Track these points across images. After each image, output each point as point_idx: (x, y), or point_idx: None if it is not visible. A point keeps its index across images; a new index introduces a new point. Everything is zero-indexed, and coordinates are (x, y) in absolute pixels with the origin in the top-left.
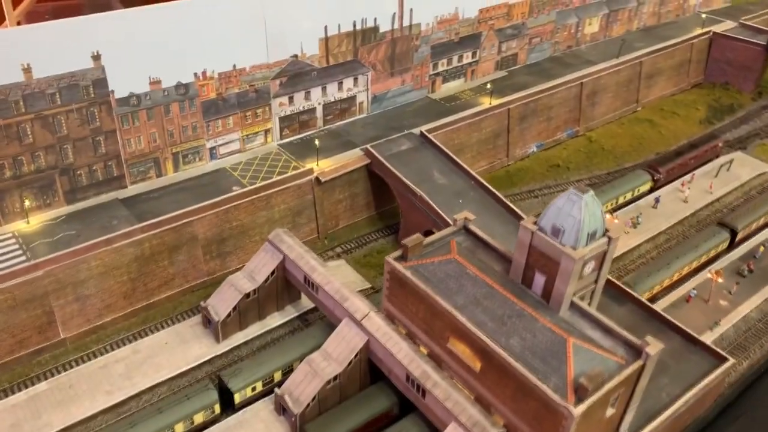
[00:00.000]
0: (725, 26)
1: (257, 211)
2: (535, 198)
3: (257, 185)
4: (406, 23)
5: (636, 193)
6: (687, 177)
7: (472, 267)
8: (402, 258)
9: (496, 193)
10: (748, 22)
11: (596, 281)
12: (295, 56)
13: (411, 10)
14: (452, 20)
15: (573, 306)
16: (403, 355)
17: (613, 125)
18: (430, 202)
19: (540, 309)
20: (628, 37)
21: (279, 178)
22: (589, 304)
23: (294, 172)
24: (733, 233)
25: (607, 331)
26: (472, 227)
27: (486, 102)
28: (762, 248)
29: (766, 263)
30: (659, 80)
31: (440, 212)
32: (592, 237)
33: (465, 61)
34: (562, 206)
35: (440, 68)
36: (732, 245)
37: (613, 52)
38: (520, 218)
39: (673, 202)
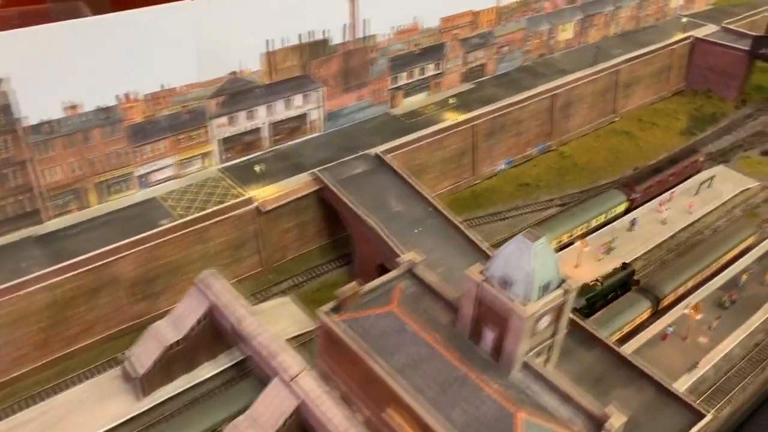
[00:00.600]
0: (707, 30)
1: (190, 245)
2: (502, 221)
3: (189, 218)
4: (360, 35)
5: (611, 215)
6: (666, 195)
7: (412, 322)
8: (336, 310)
9: (457, 223)
10: (730, 26)
11: (554, 335)
12: (234, 73)
13: (365, 20)
14: (412, 31)
15: (526, 366)
16: (337, 422)
17: (589, 138)
18: (382, 234)
19: (488, 371)
20: (605, 43)
21: (215, 208)
22: (548, 360)
23: (233, 202)
24: None
25: (565, 397)
26: (419, 271)
27: (451, 117)
28: (745, 276)
29: (750, 292)
30: (638, 88)
31: (393, 245)
32: (545, 289)
33: (428, 73)
34: (511, 255)
35: (401, 82)
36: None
37: (588, 60)
38: (482, 252)
39: (651, 223)
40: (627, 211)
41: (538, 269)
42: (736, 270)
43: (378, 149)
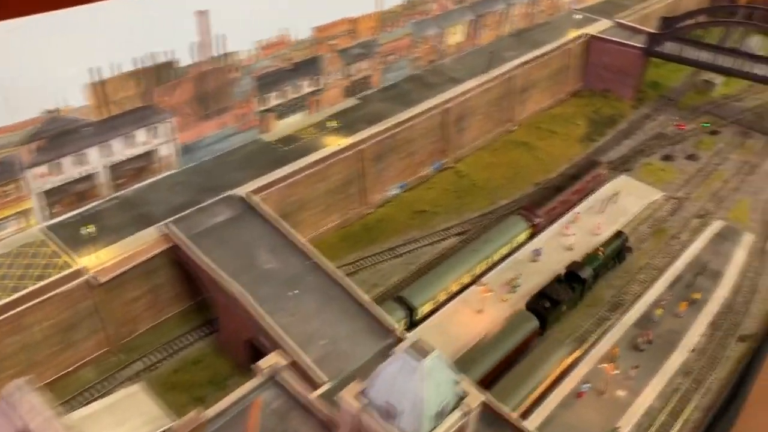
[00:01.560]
0: (601, 26)
1: (2, 338)
2: (398, 258)
3: None
4: (215, 53)
5: (514, 245)
6: (570, 216)
7: None
8: None
9: (339, 279)
10: (623, 21)
11: None
12: (52, 111)
13: (220, 36)
14: (281, 44)
15: None
16: None
17: (485, 152)
18: (247, 305)
19: None
20: (499, 44)
21: (32, 288)
22: None
23: (56, 277)
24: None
25: None
26: (284, 378)
27: (334, 143)
28: (659, 311)
29: (666, 327)
30: (534, 93)
31: (260, 318)
32: (440, 416)
33: (304, 91)
34: (394, 378)
35: (272, 103)
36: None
37: (482, 64)
38: (371, 316)
39: (557, 251)
40: (532, 237)
41: (430, 394)
42: (649, 301)
43: (247, 187)
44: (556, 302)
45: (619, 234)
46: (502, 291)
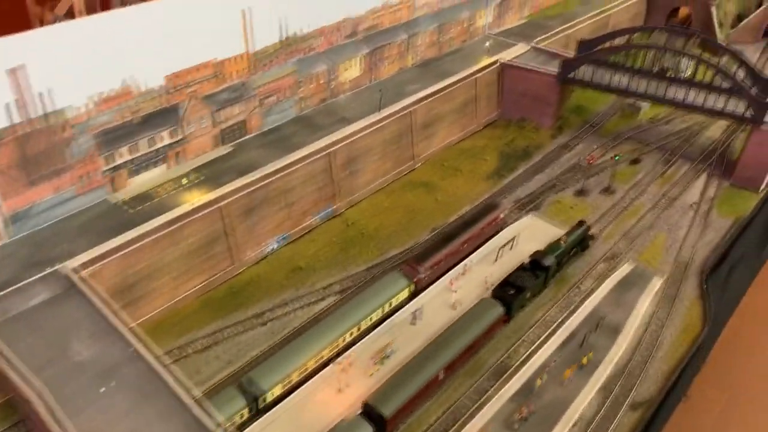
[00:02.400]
0: (518, 51)
1: None
2: (263, 326)
3: None
4: (39, 112)
5: (391, 306)
6: (459, 268)
7: None
8: None
9: (160, 373)
10: (541, 46)
11: None
12: None
13: (44, 93)
14: (124, 96)
15: None
16: None
17: (381, 195)
18: (39, 409)
19: None
20: (402, 76)
21: None
22: None
23: None
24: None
25: None
26: None
27: (191, 199)
28: (540, 380)
29: (549, 397)
30: (441, 127)
31: (55, 424)
32: None
33: (161, 143)
34: None
35: (121, 159)
36: None
37: (385, 98)
38: (196, 421)
39: (439, 310)
40: (414, 296)
41: None
42: (534, 366)
43: (79, 259)
44: (520, 289)
45: (581, 223)
46: (369, 363)
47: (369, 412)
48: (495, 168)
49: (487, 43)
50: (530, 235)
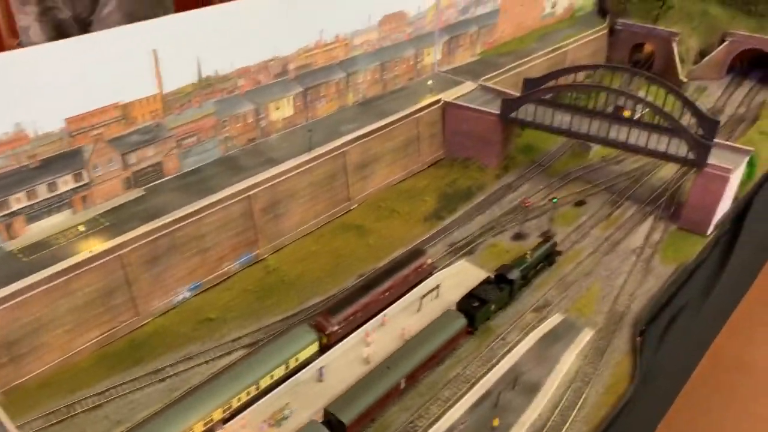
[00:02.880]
0: (465, 89)
1: None
2: (161, 382)
3: None
4: None
5: (297, 362)
6: (378, 320)
7: None
8: None
9: None
10: (488, 84)
11: None
12: None
13: None
14: (18, 141)
15: None
16: None
17: (309, 239)
18: None
19: None
20: (340, 116)
21: None
22: None
23: None
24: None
25: None
26: None
27: (86, 248)
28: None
29: None
30: (378, 167)
31: None
32: None
33: (64, 188)
34: None
35: (18, 205)
36: None
37: (316, 139)
38: None
39: (351, 364)
40: (323, 351)
41: None
42: (452, 419)
43: None
44: (484, 301)
45: (547, 239)
46: (263, 427)
47: (329, 419)
48: (434, 209)
49: (430, 82)
50: (460, 281)
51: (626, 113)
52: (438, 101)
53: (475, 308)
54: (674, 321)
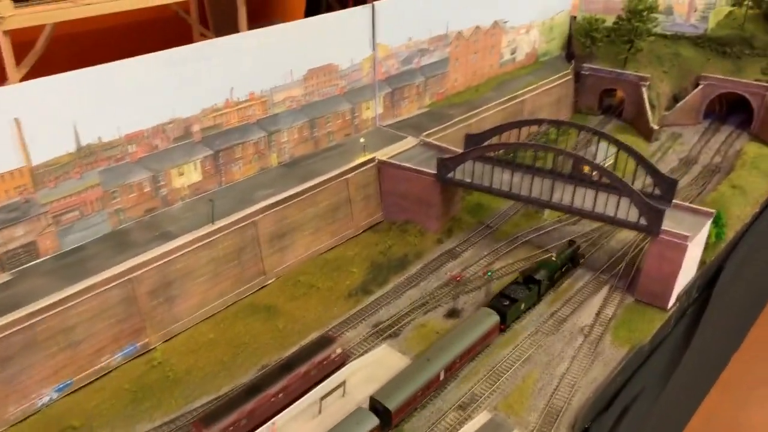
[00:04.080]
0: (404, 145)
1: None
2: None
3: None
4: None
5: None
6: (266, 428)
7: None
8: None
9: None
10: (429, 140)
11: None
12: None
13: None
14: None
15: None
16: None
17: (208, 325)
18: None
19: None
20: (260, 179)
21: None
22: None
23: None
24: None
25: None
26: None
27: None
28: None
29: None
30: (300, 236)
31: None
32: None
33: None
34: None
35: None
36: None
37: (224, 208)
38: None
39: None
40: None
41: None
42: None
43: None
44: (514, 300)
45: (571, 242)
46: None
47: (375, 406)
48: (361, 282)
49: (362, 140)
50: (376, 373)
51: (585, 168)
52: (372, 160)
53: (506, 306)
54: (625, 414)
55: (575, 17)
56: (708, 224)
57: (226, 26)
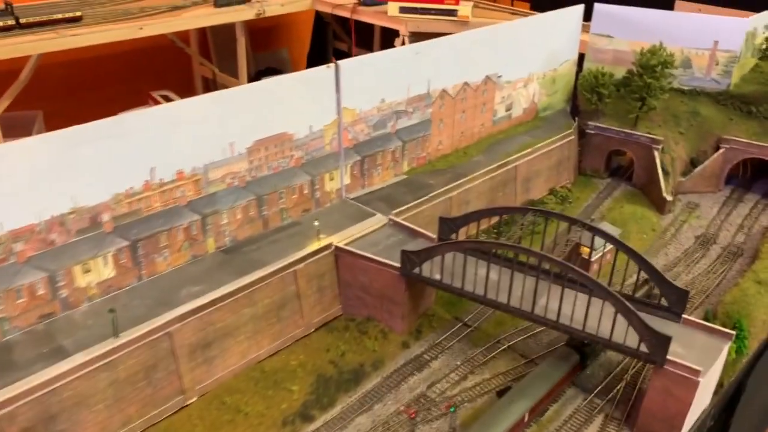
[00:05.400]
0: (371, 225)
1: None
2: None
3: None
4: None
5: None
6: None
7: None
8: None
9: None
10: (399, 219)
11: None
12: None
13: None
14: None
15: None
16: None
17: None
18: None
19: None
20: (191, 270)
21: None
22: None
23: None
24: None
25: None
26: None
27: None
28: None
29: None
30: (233, 343)
31: None
32: None
33: None
34: None
35: None
36: None
37: (137, 313)
38: None
39: None
40: None
41: None
42: None
43: None
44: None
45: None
46: None
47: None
48: (301, 405)
49: (316, 222)
50: None
51: (584, 250)
52: (328, 246)
53: (585, 345)
54: None
55: (581, 69)
56: (726, 349)
57: (229, 57)
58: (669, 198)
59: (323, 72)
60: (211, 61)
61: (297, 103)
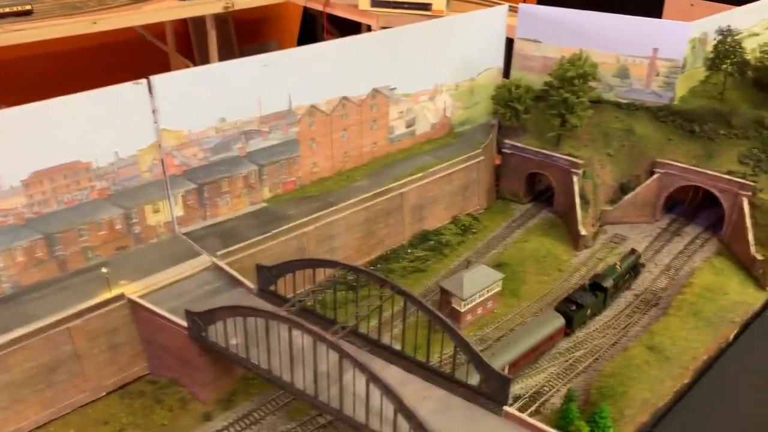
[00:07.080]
0: (187, 269)
1: None
2: None
3: None
4: None
5: None
6: None
7: None
8: None
9: None
10: (223, 263)
11: None
12: None
13: None
14: None
15: None
16: None
17: None
18: None
19: None
20: None
21: None
22: None
23: None
24: None
25: None
26: None
27: None
28: None
29: None
30: None
31: None
32: None
33: None
34: None
35: None
36: None
37: None
38: None
39: None
40: None
41: None
42: None
43: None
44: (580, 306)
45: (633, 251)
46: None
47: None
48: None
49: (104, 269)
50: None
51: (455, 299)
52: (120, 297)
53: (573, 311)
54: None
55: (506, 78)
56: None
57: None
58: (584, 233)
59: (129, 89)
60: (193, 55)
61: (93, 127)
